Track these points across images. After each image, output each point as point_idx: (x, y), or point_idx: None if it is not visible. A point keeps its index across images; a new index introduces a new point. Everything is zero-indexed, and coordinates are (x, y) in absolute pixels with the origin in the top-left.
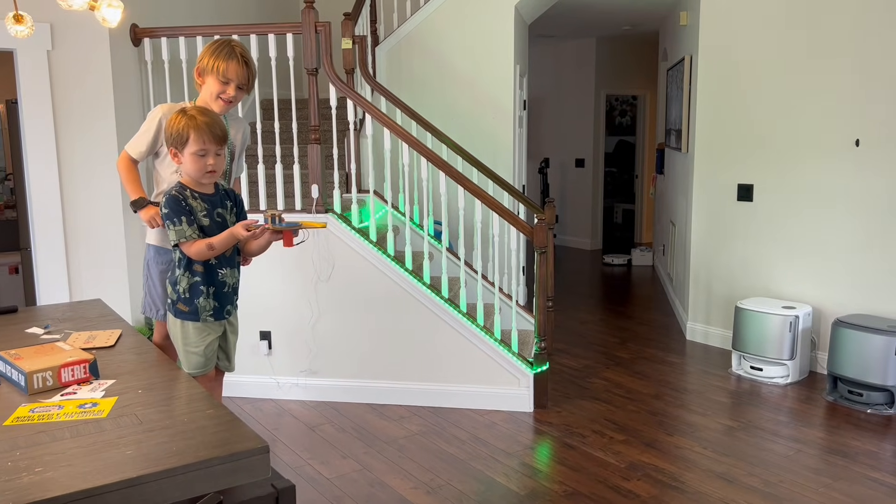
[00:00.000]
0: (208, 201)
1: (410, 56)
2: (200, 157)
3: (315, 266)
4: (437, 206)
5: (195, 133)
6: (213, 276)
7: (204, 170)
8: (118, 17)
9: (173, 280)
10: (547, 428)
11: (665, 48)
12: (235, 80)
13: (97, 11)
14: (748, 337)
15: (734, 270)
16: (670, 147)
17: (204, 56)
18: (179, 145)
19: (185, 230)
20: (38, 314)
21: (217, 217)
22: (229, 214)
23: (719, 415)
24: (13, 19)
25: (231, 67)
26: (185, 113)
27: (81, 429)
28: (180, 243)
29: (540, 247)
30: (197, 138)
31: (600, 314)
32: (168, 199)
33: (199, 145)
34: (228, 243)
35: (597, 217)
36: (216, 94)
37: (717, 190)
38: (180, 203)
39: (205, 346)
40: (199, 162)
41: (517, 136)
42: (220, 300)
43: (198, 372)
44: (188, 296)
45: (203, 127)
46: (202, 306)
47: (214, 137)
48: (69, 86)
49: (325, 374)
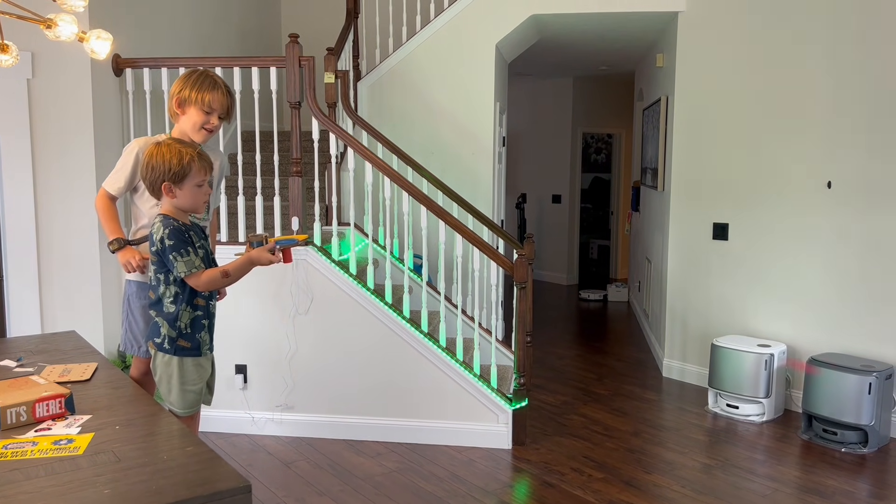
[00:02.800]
0: (196, 232)
1: (392, 91)
2: (199, 187)
3: (293, 298)
4: (418, 240)
5: (198, 164)
6: (209, 309)
7: (202, 200)
8: (107, 49)
9: (170, 317)
10: (525, 465)
11: (641, 88)
12: (219, 111)
13: (86, 43)
14: (724, 374)
15: (710, 308)
16: (646, 185)
17: (184, 87)
18: (178, 179)
19: (193, 261)
20: (10, 346)
21: (203, 249)
22: (208, 244)
23: (697, 453)
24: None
25: (216, 98)
26: (172, 147)
27: (56, 466)
28: (189, 275)
29: (520, 282)
30: (199, 171)
31: (577, 350)
32: (172, 230)
33: (201, 177)
34: (245, 270)
35: (573, 252)
36: (199, 125)
37: (692, 228)
38: (183, 234)
39: (202, 383)
40: (197, 193)
41: (496, 172)
42: (212, 332)
43: (191, 411)
44: (190, 331)
45: (203, 156)
46: (203, 340)
47: (210, 166)
48: (49, 115)
49: (301, 409)
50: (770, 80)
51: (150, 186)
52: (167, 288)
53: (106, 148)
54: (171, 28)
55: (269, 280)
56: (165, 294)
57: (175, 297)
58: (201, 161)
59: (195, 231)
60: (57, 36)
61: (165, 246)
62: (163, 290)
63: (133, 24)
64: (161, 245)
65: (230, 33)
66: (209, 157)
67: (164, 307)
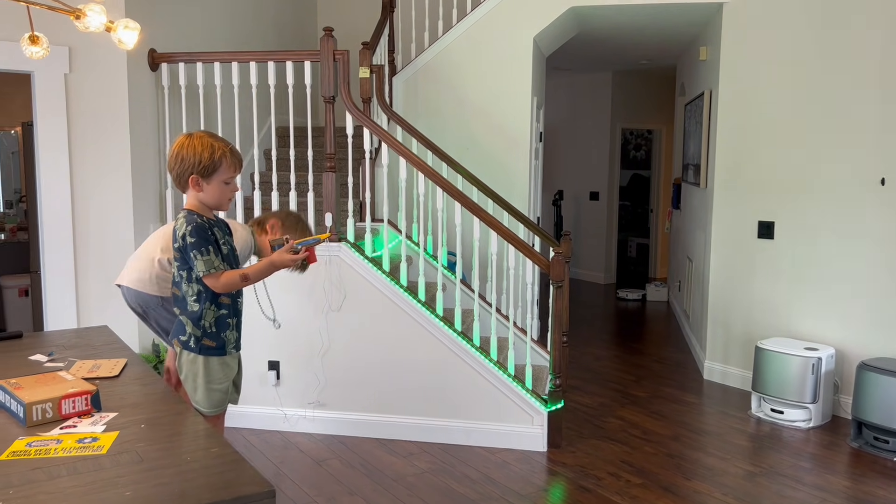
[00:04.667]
0: (220, 228)
1: (427, 86)
2: (227, 184)
3: (326, 295)
4: (452, 237)
5: (228, 159)
6: (236, 307)
7: (227, 197)
8: (135, 39)
9: (194, 315)
10: (561, 469)
11: (683, 83)
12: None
13: (113, 33)
14: (769, 378)
15: (754, 309)
16: (687, 182)
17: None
18: (207, 173)
19: (213, 260)
20: (44, 340)
21: (228, 245)
22: (231, 240)
23: (739, 459)
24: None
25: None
26: (205, 140)
27: (79, 466)
28: (208, 275)
29: (556, 280)
30: (230, 165)
31: (615, 350)
32: (195, 227)
33: (230, 173)
34: (266, 273)
35: (611, 251)
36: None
37: (736, 226)
38: (206, 232)
39: (229, 382)
40: (224, 190)
41: (533, 168)
42: (239, 330)
43: (218, 410)
44: (214, 330)
45: (233, 151)
46: (228, 339)
47: (240, 163)
48: (85, 109)
49: (334, 406)
50: (819, 72)
51: (177, 178)
52: (189, 286)
53: (141, 143)
54: (207, 22)
55: (303, 276)
56: (188, 292)
57: (198, 296)
58: (233, 157)
59: (220, 227)
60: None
61: (187, 243)
62: (185, 288)
63: (168, 18)
64: (183, 242)
65: (266, 27)
66: (240, 154)
67: (189, 306)
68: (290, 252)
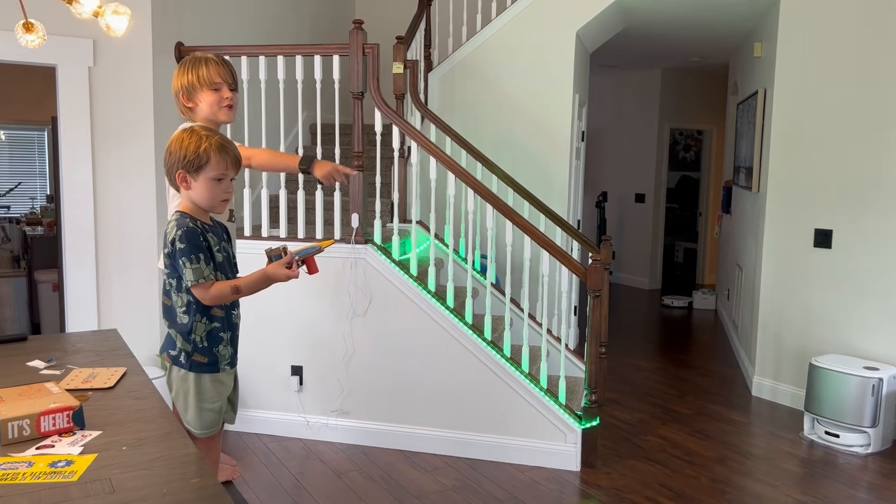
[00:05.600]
0: (215, 233)
1: (464, 83)
2: (218, 182)
3: (351, 299)
4: (484, 240)
5: (216, 155)
6: (230, 319)
7: (219, 197)
8: (124, 25)
9: (184, 329)
10: (594, 491)
11: (736, 81)
12: (225, 80)
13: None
14: (823, 398)
15: (808, 323)
16: (739, 185)
17: (181, 79)
18: (193, 168)
19: (203, 269)
20: (47, 344)
21: (224, 251)
22: (229, 246)
23: (790, 487)
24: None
25: (213, 70)
26: (197, 132)
27: (44, 496)
28: (196, 285)
29: (594, 289)
30: (219, 161)
31: (658, 361)
32: (185, 232)
33: (220, 170)
34: (260, 286)
35: (656, 255)
36: (217, 104)
37: (791, 234)
38: (197, 237)
39: (221, 401)
40: (215, 188)
41: (573, 169)
42: (235, 345)
43: (210, 432)
44: (206, 344)
45: (225, 148)
46: (221, 354)
47: (236, 161)
48: (109, 103)
49: (357, 415)
50: (883, 70)
51: (168, 175)
52: (179, 296)
53: (166, 138)
54: (237, 15)
55: (328, 278)
56: (178, 303)
57: (188, 307)
58: (223, 153)
59: (215, 232)
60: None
61: (176, 249)
62: (175, 298)
63: (199, 11)
64: (172, 248)
65: (301, 20)
66: (237, 152)
67: (178, 318)
68: (287, 265)
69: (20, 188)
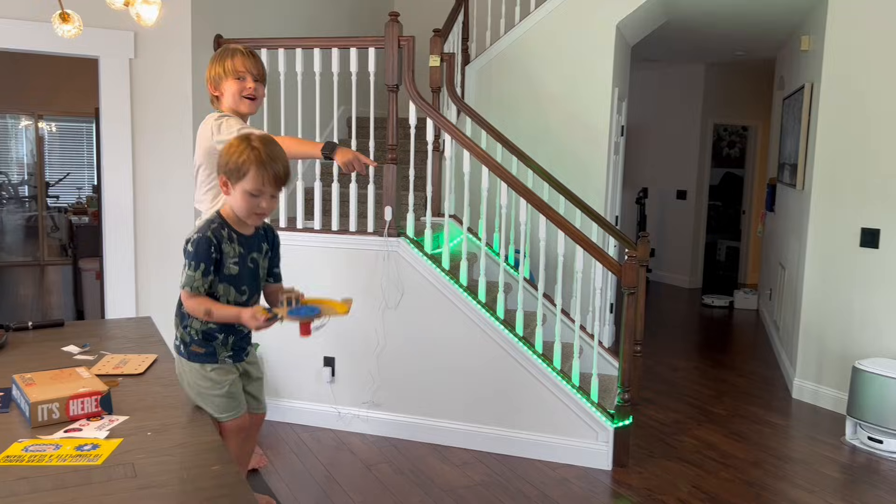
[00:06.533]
0: (245, 244)
1: (501, 76)
2: (253, 196)
3: (383, 292)
4: (518, 235)
5: (256, 170)
6: (231, 325)
7: (253, 211)
8: (154, 14)
9: (184, 320)
10: (626, 491)
11: (782, 75)
12: (250, 72)
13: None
14: (867, 403)
15: (853, 325)
16: (783, 183)
17: (209, 70)
18: (234, 177)
19: (195, 278)
20: (83, 330)
21: (250, 263)
22: (263, 259)
23: (830, 493)
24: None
25: (238, 61)
26: (249, 142)
27: (68, 479)
28: (183, 289)
29: (629, 286)
30: (256, 176)
31: (695, 361)
32: (197, 240)
33: (257, 185)
34: (228, 319)
35: (697, 253)
36: (239, 94)
37: (836, 233)
38: (209, 249)
39: (229, 385)
40: (250, 202)
41: (612, 164)
42: (240, 345)
43: (230, 415)
44: (200, 338)
45: (266, 164)
46: (219, 350)
47: (276, 179)
48: (149, 95)
49: (388, 407)
50: None
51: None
52: (182, 289)
53: None
54: (276, 7)
55: (360, 270)
56: (181, 294)
57: None
58: (262, 168)
59: (244, 243)
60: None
61: (186, 249)
62: (180, 289)
63: (236, 3)
64: (185, 246)
65: (340, 13)
66: (285, 166)
67: (182, 306)
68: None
69: (69, 179)
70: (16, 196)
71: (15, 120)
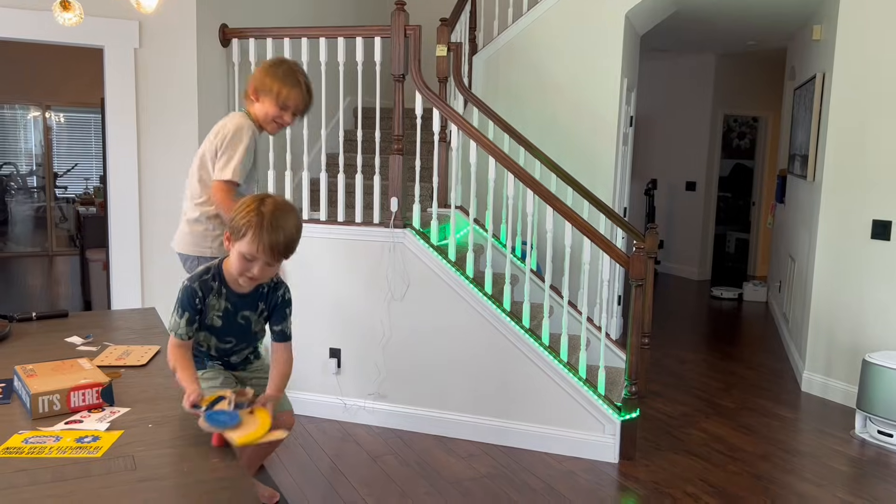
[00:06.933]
0: (234, 301)
1: (509, 66)
2: (247, 260)
3: (389, 283)
4: (525, 226)
5: (253, 235)
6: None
7: (244, 274)
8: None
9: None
10: (633, 484)
11: (793, 65)
12: (296, 109)
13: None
14: (877, 396)
15: (863, 317)
16: (794, 174)
17: (265, 76)
18: (235, 235)
19: (179, 324)
20: (87, 321)
21: (240, 319)
22: (257, 317)
23: (839, 487)
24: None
25: (293, 95)
26: (260, 204)
27: (67, 471)
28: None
29: (636, 278)
30: (252, 241)
31: (703, 353)
32: (185, 288)
33: (251, 250)
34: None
35: (707, 245)
36: (271, 117)
37: (847, 225)
38: (193, 300)
39: (223, 378)
40: (243, 265)
41: (620, 155)
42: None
43: None
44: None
45: (265, 232)
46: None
47: (271, 249)
48: (154, 85)
49: (394, 399)
50: None
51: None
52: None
53: (210, 120)
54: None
55: (366, 261)
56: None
57: None
58: (260, 236)
59: (234, 300)
60: None
61: (178, 292)
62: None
63: None
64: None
65: (345, 2)
66: (280, 242)
67: None
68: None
69: (77, 169)
70: (24, 187)
71: (24, 111)
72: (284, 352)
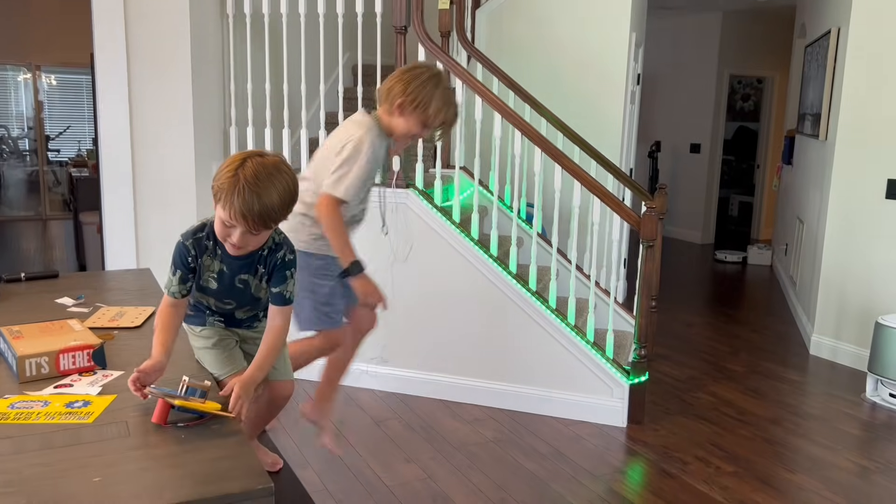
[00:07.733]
0: (230, 264)
1: (514, 20)
2: (225, 226)
3: (392, 245)
4: (531, 187)
5: (226, 199)
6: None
7: (224, 239)
8: None
9: None
10: (641, 448)
11: (804, 22)
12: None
13: None
14: (890, 359)
15: (876, 279)
16: (803, 134)
17: (420, 91)
18: (215, 197)
19: (172, 283)
20: (79, 282)
21: (238, 283)
22: (256, 281)
23: (851, 450)
24: None
25: (451, 116)
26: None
27: (56, 438)
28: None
29: (647, 239)
30: (225, 205)
31: (709, 317)
32: (178, 245)
33: (226, 215)
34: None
35: (710, 208)
36: (413, 134)
37: (860, 184)
38: (185, 258)
39: (218, 338)
40: (223, 229)
41: (628, 114)
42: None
43: (224, 372)
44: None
45: (239, 197)
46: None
47: (244, 217)
48: (145, 37)
49: (398, 363)
50: None
51: None
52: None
53: (203, 74)
54: None
55: (368, 222)
56: None
57: None
58: (233, 200)
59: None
60: None
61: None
62: None
63: None
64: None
65: None
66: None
67: None
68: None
69: (69, 132)
70: (16, 150)
71: (14, 72)
72: (279, 317)
